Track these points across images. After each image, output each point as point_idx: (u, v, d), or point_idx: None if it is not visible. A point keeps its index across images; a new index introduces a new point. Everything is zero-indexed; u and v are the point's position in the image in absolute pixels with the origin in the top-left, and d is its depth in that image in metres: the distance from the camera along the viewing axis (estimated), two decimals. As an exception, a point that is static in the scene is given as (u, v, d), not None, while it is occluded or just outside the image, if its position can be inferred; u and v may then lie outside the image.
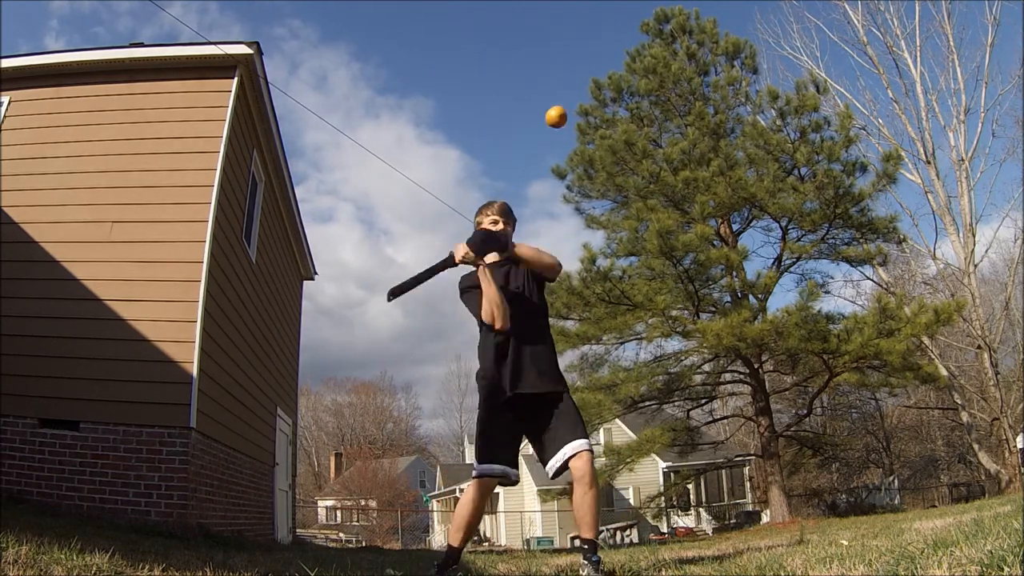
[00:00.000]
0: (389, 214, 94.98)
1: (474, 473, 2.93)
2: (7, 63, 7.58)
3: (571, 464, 2.86)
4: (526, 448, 3.35)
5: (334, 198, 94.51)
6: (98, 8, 79.73)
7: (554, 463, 2.89)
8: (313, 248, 13.05)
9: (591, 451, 2.90)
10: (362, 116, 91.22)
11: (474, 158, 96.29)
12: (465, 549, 3.16)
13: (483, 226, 3.15)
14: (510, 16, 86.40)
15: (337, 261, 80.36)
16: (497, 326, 2.91)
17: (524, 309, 3.05)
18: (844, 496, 21.41)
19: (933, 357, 16.78)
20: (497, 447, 2.92)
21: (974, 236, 17.25)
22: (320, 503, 42.71)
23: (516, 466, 2.97)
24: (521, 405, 2.95)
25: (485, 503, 2.95)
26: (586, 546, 2.88)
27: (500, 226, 3.13)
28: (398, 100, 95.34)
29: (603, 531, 20.25)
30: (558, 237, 65.89)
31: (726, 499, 27.16)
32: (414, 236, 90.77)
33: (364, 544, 23.23)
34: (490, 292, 2.93)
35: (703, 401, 17.12)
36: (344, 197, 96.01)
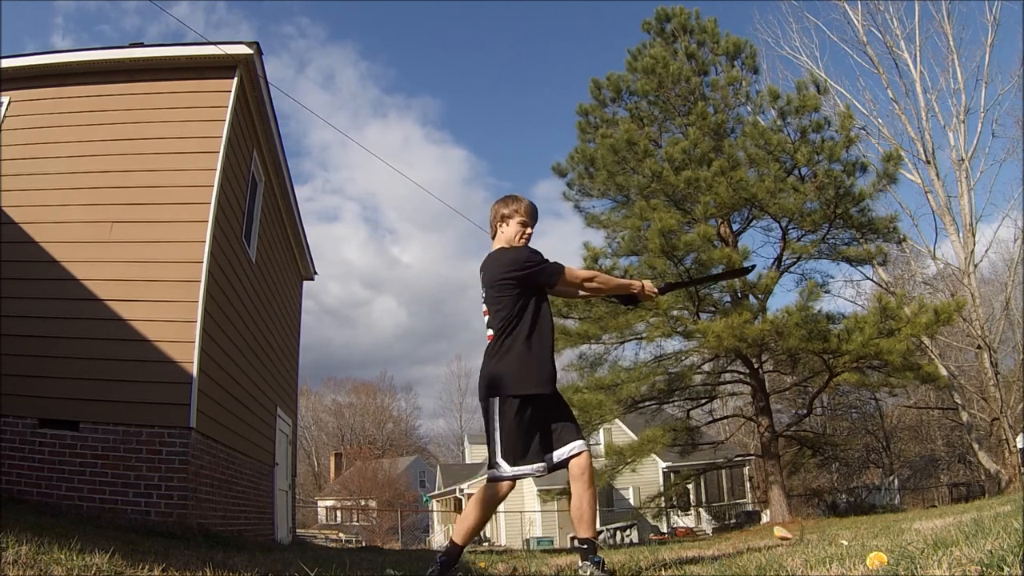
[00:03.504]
0: (394, 214, 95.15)
1: (509, 473, 2.85)
2: (8, 63, 7.58)
3: (571, 463, 2.88)
4: None
5: (340, 197, 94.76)
6: (104, 6, 79.86)
7: (556, 457, 2.93)
8: (318, 247, 13.10)
9: (590, 451, 2.96)
10: (369, 115, 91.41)
11: (480, 158, 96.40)
12: (466, 549, 3.16)
13: (508, 223, 3.16)
14: (517, 16, 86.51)
15: (342, 260, 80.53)
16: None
17: (551, 316, 3.16)
18: (844, 496, 21.40)
19: (933, 357, 16.78)
20: (539, 444, 2.91)
21: (974, 236, 17.26)
22: (320, 503, 42.73)
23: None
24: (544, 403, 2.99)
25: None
26: (585, 545, 2.86)
27: (529, 229, 3.15)
28: (406, 99, 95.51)
29: (603, 531, 20.24)
30: (563, 236, 66.14)
31: (726, 499, 27.17)
32: (419, 236, 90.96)
33: (364, 544, 23.24)
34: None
35: (703, 401, 17.12)
36: (349, 196, 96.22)
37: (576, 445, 2.90)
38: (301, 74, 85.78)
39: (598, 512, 24.30)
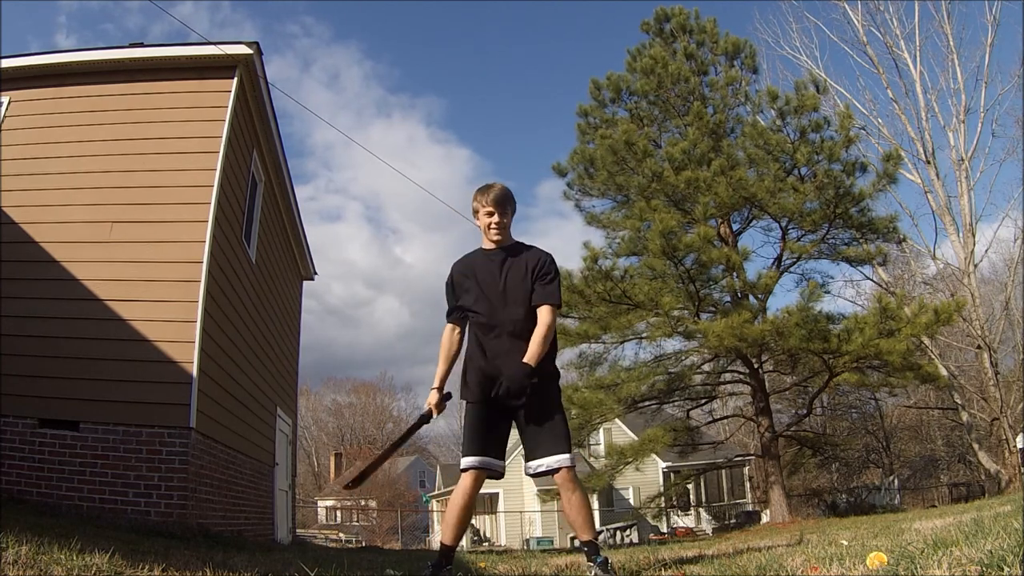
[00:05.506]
0: (397, 213, 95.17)
1: (462, 466, 2.93)
2: (7, 63, 7.58)
3: (555, 476, 2.87)
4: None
5: (343, 197, 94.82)
6: (107, 6, 79.87)
7: (535, 467, 2.90)
8: (321, 247, 13.12)
9: (572, 467, 2.87)
10: (373, 115, 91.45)
11: (484, 158, 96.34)
12: (467, 549, 3.16)
13: (479, 217, 3.12)
14: (518, 16, 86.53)
15: (344, 260, 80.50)
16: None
17: (516, 305, 3.01)
18: (844, 496, 21.39)
19: (933, 357, 16.77)
20: (484, 440, 2.92)
21: (974, 236, 17.26)
22: (320, 503, 42.73)
23: (502, 458, 2.97)
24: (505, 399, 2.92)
25: (476, 497, 2.95)
26: (587, 548, 2.85)
27: (496, 218, 3.06)
28: (410, 99, 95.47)
29: (603, 531, 20.22)
30: (566, 236, 66.37)
31: (726, 499, 27.16)
32: (422, 236, 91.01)
33: (364, 544, 23.23)
34: None
35: (703, 401, 17.11)
36: (353, 196, 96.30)
37: (557, 460, 2.84)
38: (306, 73, 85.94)
39: (598, 512, 24.09)
